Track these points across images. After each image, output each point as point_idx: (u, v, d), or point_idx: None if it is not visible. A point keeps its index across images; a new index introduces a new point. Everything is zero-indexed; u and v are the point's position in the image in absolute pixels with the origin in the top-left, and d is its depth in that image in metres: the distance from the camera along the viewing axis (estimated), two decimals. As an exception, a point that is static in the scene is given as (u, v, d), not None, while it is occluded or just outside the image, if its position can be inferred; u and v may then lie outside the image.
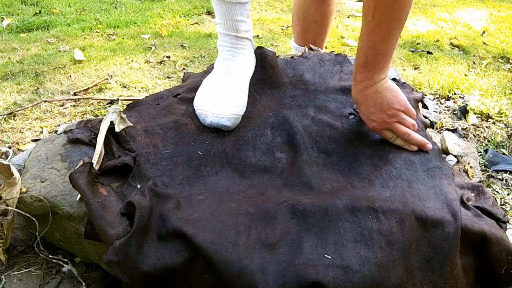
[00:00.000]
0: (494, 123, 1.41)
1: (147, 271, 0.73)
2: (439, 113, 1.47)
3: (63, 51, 1.94)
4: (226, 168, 0.92)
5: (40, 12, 2.56)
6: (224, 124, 0.98)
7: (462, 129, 1.37)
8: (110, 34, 2.17)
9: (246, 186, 0.88)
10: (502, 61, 1.93)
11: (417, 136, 0.96)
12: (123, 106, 1.42)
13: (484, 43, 2.12)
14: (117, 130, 0.93)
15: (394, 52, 0.94)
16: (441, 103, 1.54)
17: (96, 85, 1.61)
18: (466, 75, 1.74)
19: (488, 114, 1.44)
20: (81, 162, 0.90)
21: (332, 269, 0.71)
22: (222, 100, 1.01)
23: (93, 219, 0.79)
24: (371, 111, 0.96)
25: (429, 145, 0.97)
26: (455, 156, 1.10)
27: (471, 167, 1.08)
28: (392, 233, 0.77)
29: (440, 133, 1.29)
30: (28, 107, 1.44)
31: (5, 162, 0.89)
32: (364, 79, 0.94)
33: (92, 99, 1.51)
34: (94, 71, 1.72)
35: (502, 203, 1.10)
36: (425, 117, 1.14)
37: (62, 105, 1.48)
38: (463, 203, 0.85)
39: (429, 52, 1.97)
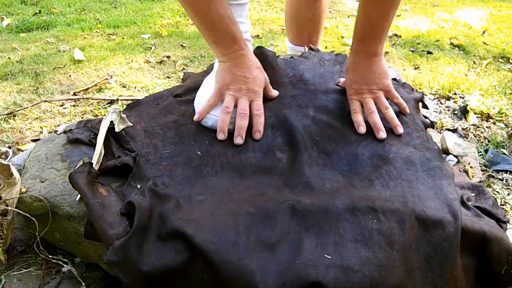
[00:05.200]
0: (494, 123, 1.41)
1: (147, 271, 0.73)
2: (439, 113, 1.47)
3: (63, 51, 1.94)
4: (226, 168, 0.92)
5: (40, 12, 2.56)
6: None
7: (462, 129, 1.37)
8: (110, 34, 2.17)
9: (246, 186, 0.88)
10: (502, 61, 1.93)
11: (377, 119, 0.98)
12: (123, 106, 1.42)
13: (484, 43, 2.12)
14: (117, 130, 0.93)
15: (388, 33, 1.05)
16: (441, 103, 1.54)
17: (96, 85, 1.61)
18: (466, 75, 1.74)
19: (488, 114, 1.44)
20: (81, 162, 0.90)
21: (332, 269, 0.71)
22: None
23: (93, 219, 0.79)
24: (355, 80, 1.03)
25: (400, 129, 0.98)
26: (455, 156, 1.10)
27: (471, 167, 1.08)
28: (392, 233, 0.76)
29: (440, 133, 1.29)
30: (28, 107, 1.44)
31: (5, 162, 0.89)
32: (361, 50, 1.02)
33: (92, 99, 1.51)
34: (94, 71, 1.72)
35: (502, 203, 1.10)
36: (425, 117, 1.14)
37: (62, 105, 1.48)
38: (463, 203, 0.85)
39: (429, 52, 1.97)
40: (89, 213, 0.79)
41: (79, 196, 0.84)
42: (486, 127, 1.39)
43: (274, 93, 1.08)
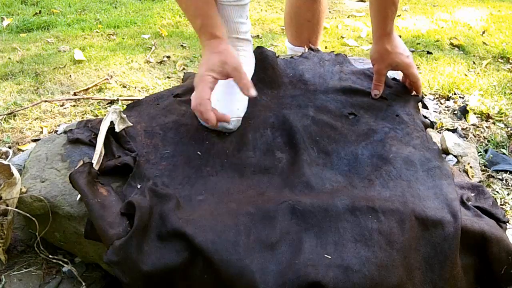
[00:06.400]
0: (494, 123, 1.41)
1: (147, 271, 0.73)
2: (439, 113, 1.47)
3: (63, 51, 1.94)
4: (226, 168, 0.92)
5: (40, 12, 2.56)
6: (226, 127, 0.98)
7: (462, 129, 1.37)
8: (110, 34, 2.17)
9: (246, 186, 0.88)
10: (502, 61, 1.93)
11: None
12: (123, 106, 1.42)
13: (484, 43, 2.12)
14: (117, 130, 0.93)
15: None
16: (441, 103, 1.54)
17: (96, 85, 1.61)
18: (466, 75, 1.74)
19: (488, 114, 1.44)
20: (81, 162, 0.90)
21: (332, 269, 0.71)
22: (223, 102, 1.00)
23: (93, 219, 0.79)
24: (397, 52, 1.08)
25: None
26: (455, 156, 1.10)
27: (471, 167, 1.08)
28: (392, 233, 0.77)
29: (440, 133, 1.29)
30: (28, 107, 1.44)
31: (5, 162, 0.89)
32: (391, 30, 1.08)
33: (92, 99, 1.51)
34: (94, 71, 1.72)
35: (502, 203, 1.10)
36: (425, 117, 1.14)
37: (62, 105, 1.48)
38: (463, 203, 0.85)
39: (429, 52, 1.97)
40: (89, 213, 0.79)
41: (79, 196, 0.84)
42: (486, 127, 1.39)
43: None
